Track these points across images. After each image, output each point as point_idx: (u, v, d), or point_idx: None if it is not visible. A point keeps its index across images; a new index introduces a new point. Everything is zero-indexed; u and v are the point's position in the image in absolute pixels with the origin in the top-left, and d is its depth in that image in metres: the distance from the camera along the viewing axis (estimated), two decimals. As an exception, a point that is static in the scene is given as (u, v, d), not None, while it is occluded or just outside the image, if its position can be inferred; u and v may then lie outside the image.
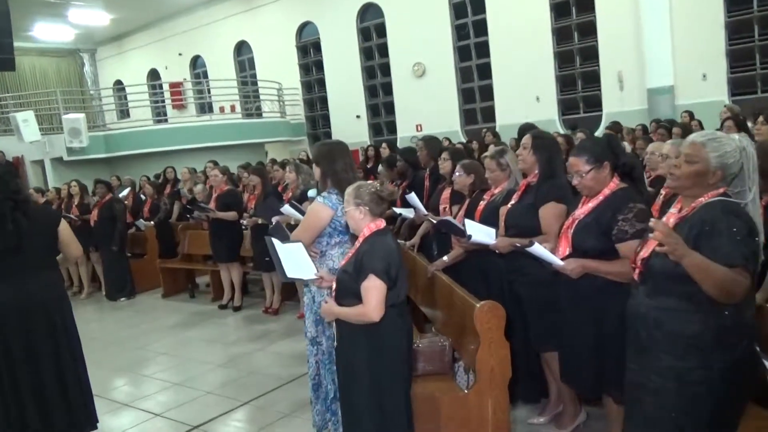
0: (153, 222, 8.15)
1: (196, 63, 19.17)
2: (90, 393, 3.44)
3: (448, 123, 13.38)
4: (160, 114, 18.08)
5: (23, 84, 19.11)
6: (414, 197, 4.31)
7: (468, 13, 13.21)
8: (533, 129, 6.13)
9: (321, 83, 16.22)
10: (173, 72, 18.91)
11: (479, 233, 3.22)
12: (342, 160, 3.09)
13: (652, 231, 1.86)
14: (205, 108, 17.48)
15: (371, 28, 14.87)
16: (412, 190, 4.75)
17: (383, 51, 14.75)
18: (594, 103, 11.86)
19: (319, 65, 16.08)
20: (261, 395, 4.27)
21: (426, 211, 4.29)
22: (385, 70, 14.77)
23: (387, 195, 2.66)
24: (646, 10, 10.52)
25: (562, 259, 2.60)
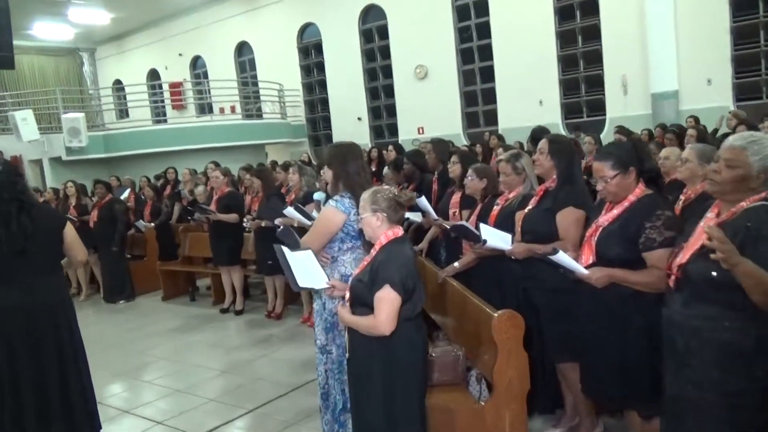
0: (153, 224, 8.05)
1: (196, 63, 19.07)
2: (93, 400, 3.35)
3: (450, 126, 13.30)
4: (159, 114, 17.97)
5: (21, 83, 18.97)
6: (424, 201, 4.22)
7: (471, 16, 13.14)
8: (545, 132, 6.09)
9: (322, 85, 16.14)
10: (173, 72, 18.79)
11: (494, 238, 3.13)
12: (355, 162, 2.99)
13: (688, 238, 1.77)
14: (205, 109, 17.39)
15: (373, 29, 14.79)
16: (420, 193, 4.65)
17: (385, 53, 14.67)
18: (597, 108, 11.79)
19: (321, 67, 15.99)
20: (265, 403, 4.16)
21: (436, 216, 4.20)
22: (387, 72, 14.69)
23: (405, 201, 2.55)
24: (651, 14, 10.46)
25: (585, 268, 2.50)
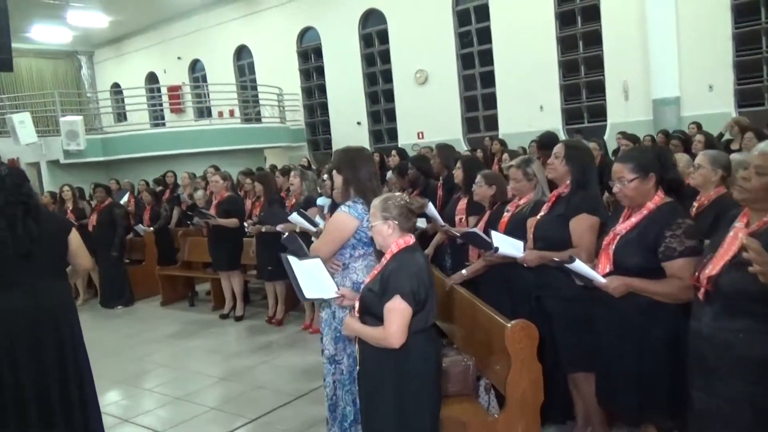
0: (152, 228, 7.96)
1: (195, 67, 18.98)
2: (95, 405, 3.24)
3: (450, 131, 13.22)
4: (157, 118, 17.88)
5: (19, 85, 18.87)
6: (431, 207, 4.14)
7: (472, 21, 13.10)
8: (554, 138, 6.05)
9: (321, 89, 16.07)
10: (172, 76, 18.70)
11: (506, 246, 3.06)
12: (365, 167, 2.91)
13: (714, 248, 1.70)
14: (204, 112, 17.31)
15: (373, 34, 14.74)
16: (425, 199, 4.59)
17: (385, 57, 14.62)
18: (598, 113, 11.74)
19: (320, 71, 15.93)
20: (268, 412, 4.08)
21: (443, 222, 4.13)
22: (387, 76, 14.63)
23: (417, 208, 2.48)
24: (652, 19, 10.43)
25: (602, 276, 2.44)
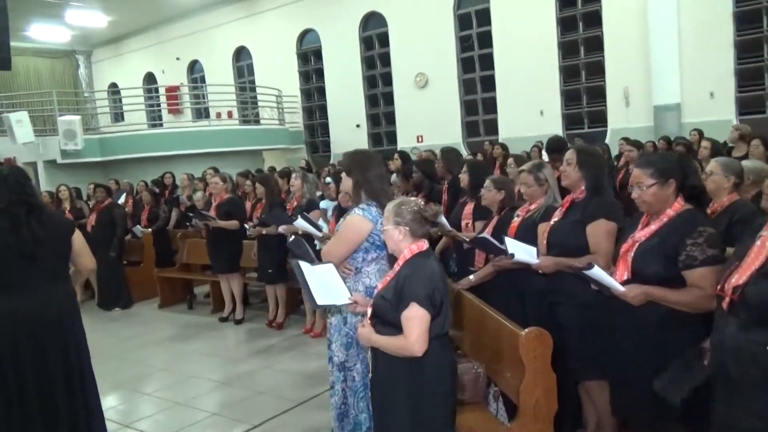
0: (150, 229, 7.88)
1: (193, 68, 18.92)
2: (100, 412, 3.18)
3: (449, 135, 13.19)
4: (155, 118, 17.79)
5: (16, 84, 18.75)
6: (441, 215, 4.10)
7: (473, 25, 13.11)
8: (562, 142, 6.01)
9: (321, 91, 16.04)
10: (170, 76, 18.65)
11: (520, 251, 3.00)
12: (376, 169, 2.87)
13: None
14: (202, 113, 17.23)
15: (374, 37, 14.72)
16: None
17: (385, 60, 14.60)
18: (599, 119, 11.75)
19: (320, 73, 15.90)
20: (271, 418, 4.01)
21: (450, 227, 4.08)
22: (387, 79, 14.62)
23: (430, 215, 2.43)
24: (654, 26, 10.45)
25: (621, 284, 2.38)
